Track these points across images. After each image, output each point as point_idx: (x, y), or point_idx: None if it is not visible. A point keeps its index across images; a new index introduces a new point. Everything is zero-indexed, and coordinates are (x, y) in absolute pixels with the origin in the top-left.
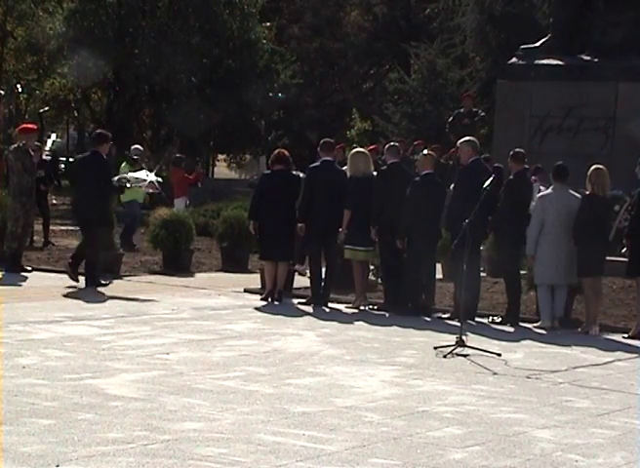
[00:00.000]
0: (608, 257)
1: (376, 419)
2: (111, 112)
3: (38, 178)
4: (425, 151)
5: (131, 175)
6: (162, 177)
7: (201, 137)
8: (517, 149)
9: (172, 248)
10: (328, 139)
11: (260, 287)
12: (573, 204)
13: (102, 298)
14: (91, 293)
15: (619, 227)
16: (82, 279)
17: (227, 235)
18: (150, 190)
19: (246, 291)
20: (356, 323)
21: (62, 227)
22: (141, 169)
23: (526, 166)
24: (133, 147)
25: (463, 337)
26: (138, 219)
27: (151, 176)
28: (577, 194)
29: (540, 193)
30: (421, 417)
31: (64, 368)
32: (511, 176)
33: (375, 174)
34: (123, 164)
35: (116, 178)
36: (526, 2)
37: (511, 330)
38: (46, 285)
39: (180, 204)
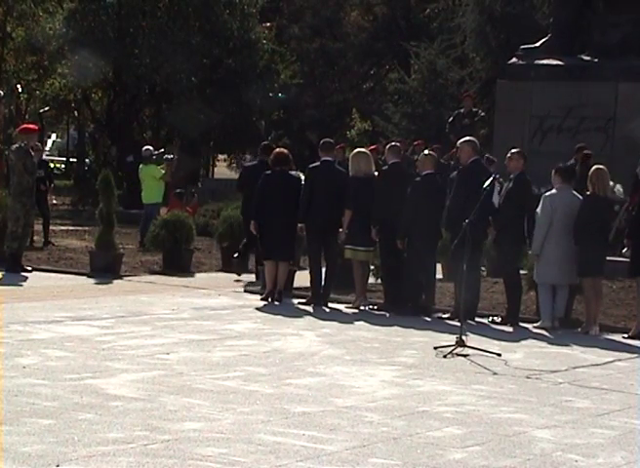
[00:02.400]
0: (608, 257)
1: (376, 419)
2: (111, 112)
3: (38, 178)
4: (426, 151)
5: None
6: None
7: (201, 137)
8: (516, 149)
9: (172, 248)
10: (328, 139)
11: (260, 287)
12: (575, 205)
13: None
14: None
15: (618, 227)
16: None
17: (227, 235)
18: None
19: (246, 291)
20: (356, 323)
21: (62, 227)
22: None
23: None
24: (144, 148)
25: (463, 337)
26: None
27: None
28: (579, 195)
29: (547, 193)
30: (421, 417)
31: (64, 368)
32: (511, 177)
33: (376, 174)
34: (140, 166)
35: None
36: (526, 2)
37: (511, 330)
38: (46, 285)
39: None
